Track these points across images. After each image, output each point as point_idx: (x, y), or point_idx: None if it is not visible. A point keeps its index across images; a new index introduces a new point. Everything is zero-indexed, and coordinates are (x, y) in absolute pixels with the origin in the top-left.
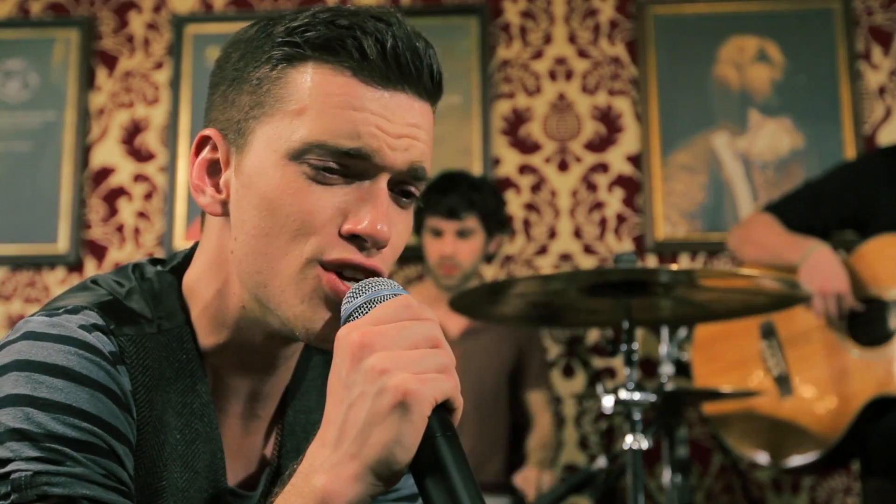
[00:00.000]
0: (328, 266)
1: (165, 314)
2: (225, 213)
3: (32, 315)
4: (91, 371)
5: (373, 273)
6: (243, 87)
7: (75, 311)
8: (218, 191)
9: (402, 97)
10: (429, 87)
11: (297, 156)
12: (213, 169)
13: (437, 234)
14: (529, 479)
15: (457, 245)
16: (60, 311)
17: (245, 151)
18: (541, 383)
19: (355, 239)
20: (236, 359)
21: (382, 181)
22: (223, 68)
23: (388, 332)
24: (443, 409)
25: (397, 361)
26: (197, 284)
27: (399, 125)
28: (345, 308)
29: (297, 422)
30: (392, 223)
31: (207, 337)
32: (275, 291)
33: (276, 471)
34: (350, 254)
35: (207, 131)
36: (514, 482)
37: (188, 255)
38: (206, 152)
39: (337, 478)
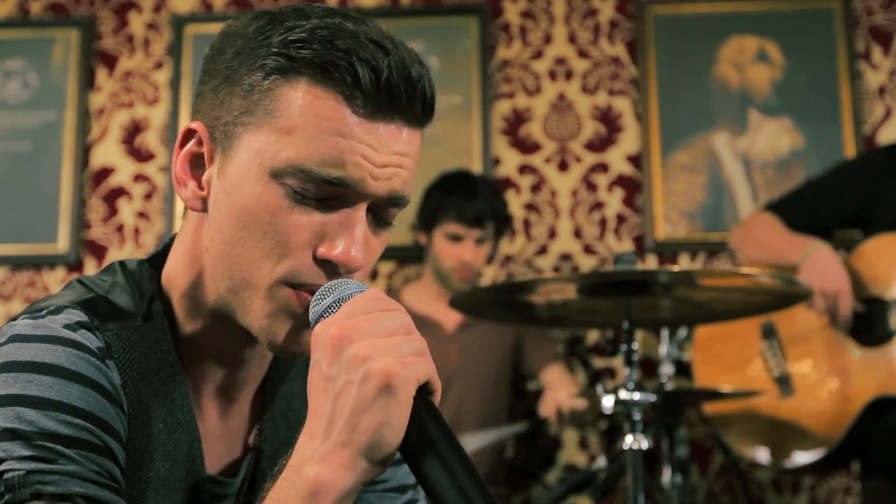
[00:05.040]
0: (298, 288)
1: (146, 305)
2: (204, 209)
3: (15, 319)
4: (81, 367)
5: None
6: (235, 89)
7: (58, 311)
8: (200, 187)
9: (391, 126)
10: (420, 115)
11: (280, 175)
12: (197, 162)
13: (457, 238)
14: (549, 401)
15: (475, 251)
16: (43, 312)
17: (230, 156)
18: (550, 358)
19: (329, 263)
20: (214, 344)
21: (361, 208)
22: (217, 60)
23: (363, 324)
24: (423, 392)
25: (377, 348)
26: (175, 274)
27: (385, 154)
28: (313, 311)
29: (276, 407)
30: (367, 247)
31: (187, 324)
32: (244, 299)
33: (256, 457)
34: (321, 280)
35: (194, 125)
36: (539, 412)
37: (168, 245)
38: (191, 145)
39: (329, 467)
